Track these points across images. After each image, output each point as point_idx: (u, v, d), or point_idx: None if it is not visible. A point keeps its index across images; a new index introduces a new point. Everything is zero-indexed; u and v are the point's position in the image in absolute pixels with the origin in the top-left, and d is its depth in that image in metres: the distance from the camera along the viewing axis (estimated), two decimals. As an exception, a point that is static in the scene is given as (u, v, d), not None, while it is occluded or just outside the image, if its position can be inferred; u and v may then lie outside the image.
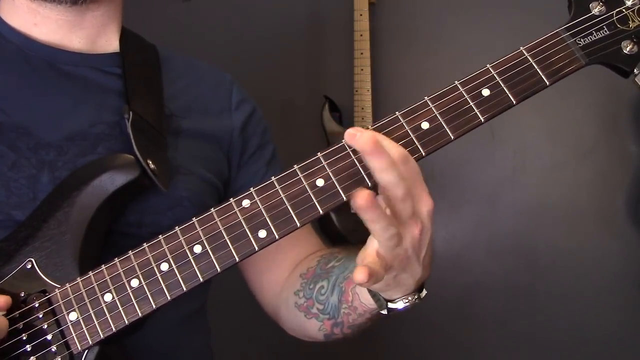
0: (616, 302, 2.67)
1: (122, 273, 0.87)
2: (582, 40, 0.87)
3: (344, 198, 0.83)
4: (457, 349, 2.79)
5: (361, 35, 2.71)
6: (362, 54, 2.71)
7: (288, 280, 1.18)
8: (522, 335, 2.72)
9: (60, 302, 0.88)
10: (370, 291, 0.93)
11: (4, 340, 0.86)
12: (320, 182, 0.83)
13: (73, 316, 0.87)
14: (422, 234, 0.82)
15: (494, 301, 2.77)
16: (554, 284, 2.72)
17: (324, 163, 0.84)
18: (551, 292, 2.72)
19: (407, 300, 0.90)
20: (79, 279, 0.88)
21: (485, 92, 0.85)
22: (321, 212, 0.83)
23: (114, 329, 0.86)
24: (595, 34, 0.88)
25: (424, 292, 0.91)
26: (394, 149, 0.80)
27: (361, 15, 2.72)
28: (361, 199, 0.76)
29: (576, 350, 2.68)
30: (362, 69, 2.71)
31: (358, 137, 0.78)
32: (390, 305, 0.91)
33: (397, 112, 0.84)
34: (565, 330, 2.68)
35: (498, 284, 2.76)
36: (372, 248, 0.82)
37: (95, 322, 0.86)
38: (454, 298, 2.73)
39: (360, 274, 0.77)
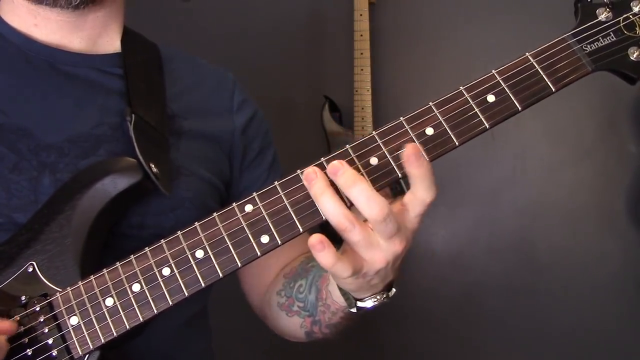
0: (616, 301, 2.68)
1: (123, 278, 0.86)
2: (588, 46, 0.87)
3: (347, 204, 0.82)
4: (458, 347, 2.79)
5: (361, 35, 2.71)
6: (362, 54, 2.71)
7: (273, 281, 1.18)
8: (522, 333, 2.73)
9: (62, 306, 0.87)
10: (341, 290, 0.94)
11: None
12: None
13: (74, 320, 0.87)
14: (404, 250, 0.83)
15: (494, 300, 2.77)
16: (553, 283, 2.72)
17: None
18: (551, 291, 2.73)
19: (375, 300, 0.91)
20: (80, 283, 0.88)
21: (491, 98, 0.84)
22: (324, 217, 0.83)
23: (115, 334, 0.86)
24: (601, 40, 0.87)
25: (393, 291, 0.92)
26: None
27: (361, 15, 2.72)
28: (307, 170, 0.80)
29: (576, 348, 2.69)
30: (362, 69, 2.71)
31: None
32: (359, 304, 0.92)
33: (401, 118, 0.84)
34: (565, 329, 2.69)
35: (498, 283, 2.77)
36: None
37: (97, 327, 0.86)
38: (454, 297, 2.73)
39: (313, 237, 0.79)
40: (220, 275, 0.85)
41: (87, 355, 0.86)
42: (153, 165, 0.95)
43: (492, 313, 2.78)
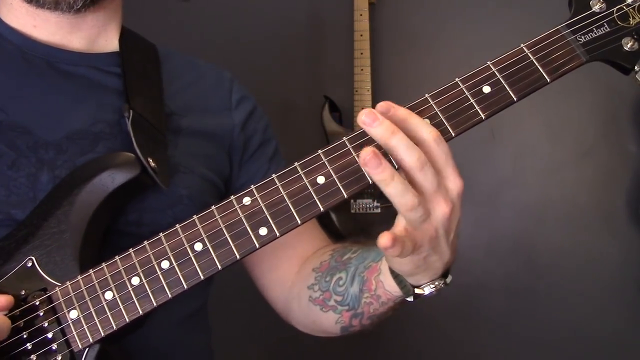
0: (616, 301, 2.68)
1: (122, 271, 0.87)
2: (582, 37, 0.87)
3: (345, 195, 0.83)
4: (458, 348, 2.79)
5: (361, 35, 2.71)
6: (362, 54, 2.71)
7: (299, 276, 1.17)
8: (522, 334, 2.73)
9: (61, 300, 0.88)
10: (395, 277, 0.93)
11: (5, 338, 0.86)
12: (321, 180, 0.83)
13: (74, 314, 0.87)
14: (452, 214, 0.82)
15: (494, 301, 2.77)
16: (553, 284, 2.72)
17: (325, 160, 0.83)
18: (551, 291, 2.72)
19: (433, 286, 0.89)
20: (79, 277, 0.88)
21: (486, 89, 0.85)
22: (322, 209, 0.83)
23: (114, 327, 0.86)
24: (595, 30, 0.87)
25: (450, 278, 0.91)
26: (426, 129, 0.80)
27: (361, 15, 2.72)
28: (365, 152, 0.76)
29: (576, 350, 2.68)
30: (362, 69, 2.71)
31: (361, 112, 0.78)
32: (417, 290, 0.90)
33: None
34: (565, 329, 2.69)
35: (498, 283, 2.77)
36: (401, 225, 0.82)
37: (96, 320, 0.86)
38: (454, 298, 2.72)
39: (383, 238, 0.76)
40: (219, 267, 0.85)
41: (86, 349, 0.87)
42: (151, 160, 0.96)
43: (491, 313, 2.77)
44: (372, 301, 1.00)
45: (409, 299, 0.93)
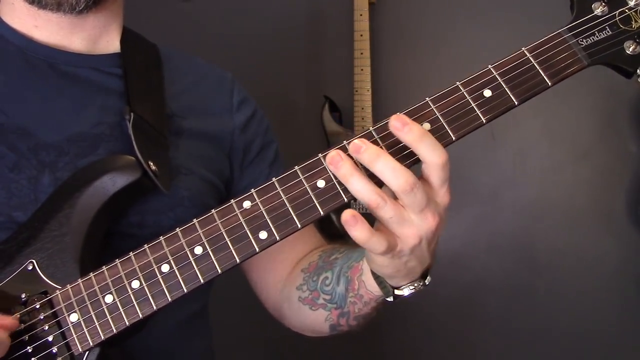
0: (615, 300, 2.68)
1: (123, 274, 0.87)
2: (584, 40, 0.87)
3: (345, 199, 0.83)
4: (457, 347, 2.79)
5: (361, 35, 2.71)
6: (362, 54, 2.71)
7: (289, 277, 1.18)
8: (521, 333, 2.73)
9: (62, 303, 0.88)
10: (377, 278, 0.93)
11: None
12: (321, 184, 0.83)
13: (74, 317, 0.87)
14: (438, 228, 0.83)
15: (494, 300, 2.77)
16: (553, 283, 2.72)
17: (325, 164, 0.83)
18: (551, 291, 2.73)
19: (413, 287, 0.91)
20: (80, 281, 0.88)
21: (487, 92, 0.84)
22: (322, 213, 0.84)
23: (114, 330, 0.86)
24: (597, 34, 0.87)
25: (429, 279, 0.93)
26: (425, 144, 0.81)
27: (361, 15, 2.72)
28: (330, 153, 0.80)
29: (575, 348, 2.69)
30: (362, 69, 2.71)
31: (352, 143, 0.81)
32: (396, 292, 0.92)
33: (398, 113, 0.84)
34: (565, 328, 2.69)
35: (498, 283, 2.77)
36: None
37: (96, 324, 0.86)
38: (454, 297, 2.73)
39: (346, 214, 0.79)
40: (219, 271, 0.85)
41: (87, 352, 0.87)
42: (152, 164, 0.96)
43: (491, 313, 2.78)
44: (356, 300, 1.01)
45: (389, 299, 0.94)
